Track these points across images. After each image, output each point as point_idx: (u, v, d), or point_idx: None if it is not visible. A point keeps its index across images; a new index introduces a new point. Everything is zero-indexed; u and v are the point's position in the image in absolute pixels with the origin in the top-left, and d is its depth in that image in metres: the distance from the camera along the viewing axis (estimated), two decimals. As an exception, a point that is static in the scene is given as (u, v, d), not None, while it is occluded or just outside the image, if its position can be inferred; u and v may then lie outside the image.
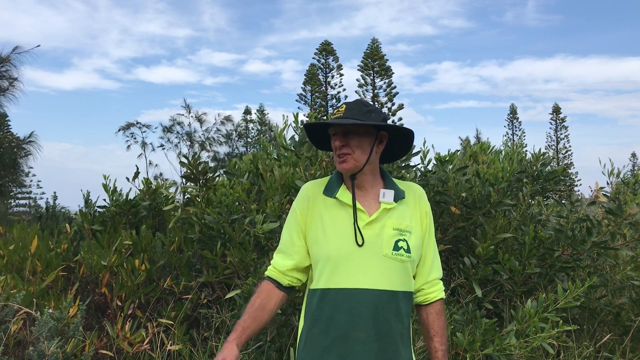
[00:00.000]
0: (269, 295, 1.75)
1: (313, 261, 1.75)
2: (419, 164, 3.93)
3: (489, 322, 3.04)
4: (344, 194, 1.73)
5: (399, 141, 1.81)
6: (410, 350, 1.72)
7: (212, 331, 3.37)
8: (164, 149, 22.87)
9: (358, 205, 1.70)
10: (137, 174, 4.12)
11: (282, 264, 1.77)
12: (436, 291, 1.77)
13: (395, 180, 1.80)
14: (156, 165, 23.35)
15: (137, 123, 22.05)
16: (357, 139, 1.68)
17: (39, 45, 8.46)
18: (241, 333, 1.67)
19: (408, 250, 1.68)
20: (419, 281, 1.77)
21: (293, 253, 1.76)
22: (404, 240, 1.68)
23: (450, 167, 3.67)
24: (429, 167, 3.93)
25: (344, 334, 1.63)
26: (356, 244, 1.65)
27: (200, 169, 3.58)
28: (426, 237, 1.77)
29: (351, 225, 1.68)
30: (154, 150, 22.76)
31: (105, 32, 74.60)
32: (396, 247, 1.67)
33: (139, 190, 4.16)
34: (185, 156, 3.72)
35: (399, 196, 1.73)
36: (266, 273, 1.81)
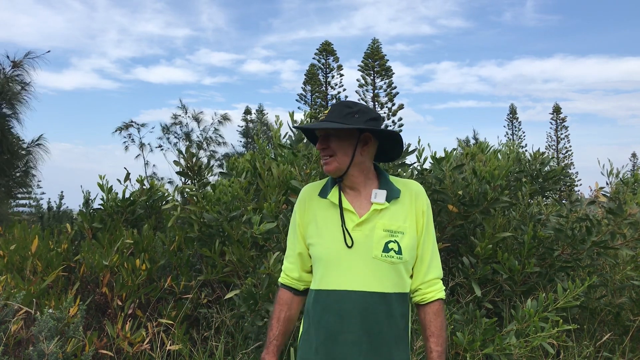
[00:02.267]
0: (290, 305, 1.82)
1: (312, 262, 1.77)
2: (415, 162, 3.92)
3: (489, 321, 3.04)
4: (335, 195, 1.73)
5: (389, 141, 1.80)
6: (407, 352, 1.71)
7: (212, 331, 3.37)
8: (162, 149, 22.85)
9: (349, 206, 1.70)
10: (127, 175, 4.14)
11: (291, 269, 1.82)
12: (434, 291, 1.74)
13: (393, 178, 1.79)
14: (154, 165, 23.30)
15: (133, 122, 22.00)
16: (337, 142, 1.68)
17: (49, 51, 8.55)
18: (275, 348, 1.78)
19: (399, 252, 1.66)
20: (416, 281, 1.75)
21: (295, 260, 1.81)
22: (395, 241, 1.66)
23: (447, 165, 3.67)
24: (425, 166, 3.93)
25: (333, 335, 1.64)
26: (346, 245, 1.65)
27: (193, 162, 3.58)
28: (422, 237, 1.74)
29: (341, 226, 1.68)
30: (152, 150, 22.73)
31: (104, 32, 74.53)
32: (386, 249, 1.65)
33: (133, 191, 4.17)
34: (179, 150, 3.72)
35: (392, 196, 1.71)
36: (281, 280, 1.86)
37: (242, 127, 45.81)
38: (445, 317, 1.79)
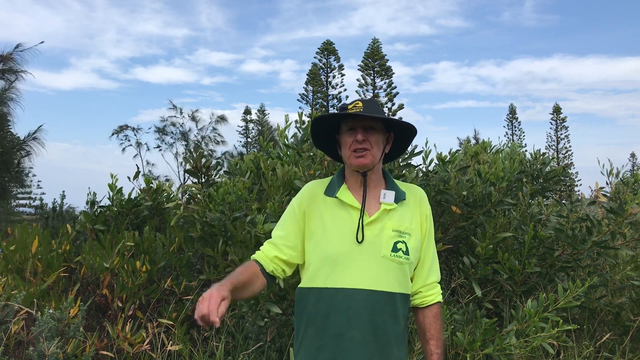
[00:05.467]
0: (256, 274, 1.68)
1: (309, 259, 1.73)
2: (420, 164, 3.93)
3: (489, 321, 3.04)
4: (344, 193, 1.73)
5: (398, 142, 1.82)
6: (404, 353, 1.72)
7: (213, 331, 3.37)
8: (160, 149, 22.89)
9: (359, 206, 1.69)
10: (137, 173, 4.12)
11: (270, 252, 1.74)
12: (434, 294, 1.76)
13: (396, 181, 1.81)
14: (153, 164, 23.34)
15: (128, 127, 22.06)
16: (375, 135, 1.69)
17: (42, 42, 8.33)
18: (229, 283, 1.52)
19: (407, 252, 1.67)
20: (416, 284, 1.76)
21: (284, 248, 1.74)
22: (403, 242, 1.68)
23: (452, 166, 3.67)
24: (431, 167, 3.94)
25: (339, 334, 1.62)
26: (356, 242, 1.65)
27: (203, 163, 3.58)
28: (425, 240, 1.76)
29: (351, 224, 1.68)
30: (149, 150, 22.79)
31: (103, 32, 74.36)
32: (395, 249, 1.66)
33: (140, 190, 4.15)
34: (189, 150, 3.73)
35: (399, 197, 1.72)
36: (253, 256, 1.76)
37: (241, 127, 45.87)
38: (442, 319, 1.80)
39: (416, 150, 3.83)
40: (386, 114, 1.77)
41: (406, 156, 3.76)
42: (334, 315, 1.63)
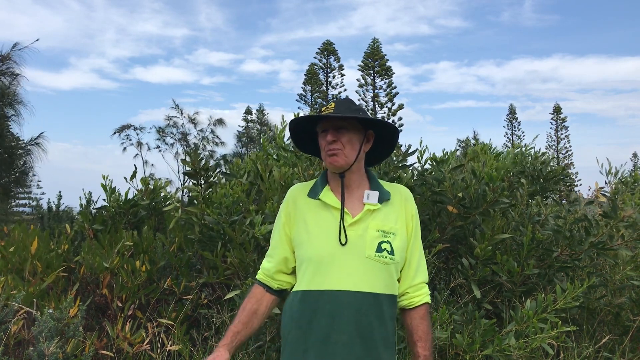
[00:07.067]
0: (260, 299, 1.77)
1: (297, 263, 1.74)
2: (415, 163, 3.92)
3: (488, 322, 3.04)
4: (327, 195, 1.72)
5: (384, 141, 1.81)
6: (393, 355, 1.69)
7: (212, 331, 3.37)
8: (160, 150, 22.89)
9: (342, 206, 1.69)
10: (134, 173, 4.11)
11: (268, 268, 1.80)
12: (421, 295, 1.73)
13: (381, 181, 1.79)
14: (152, 164, 23.37)
15: (132, 126, 22.09)
16: (347, 135, 1.67)
17: (37, 40, 8.43)
18: (232, 338, 1.69)
19: (392, 252, 1.65)
20: (403, 285, 1.73)
21: (274, 260, 1.79)
22: (388, 242, 1.66)
23: (446, 166, 3.66)
24: (426, 167, 3.92)
25: (325, 336, 1.61)
26: (339, 244, 1.64)
27: (201, 165, 3.58)
28: (411, 240, 1.74)
29: (334, 226, 1.67)
30: (149, 150, 22.81)
31: (102, 31, 74.36)
32: (379, 249, 1.65)
33: (137, 190, 4.15)
34: (187, 152, 3.71)
35: (383, 197, 1.71)
36: (257, 276, 1.84)
37: (242, 127, 45.88)
38: (430, 321, 1.77)
39: (410, 150, 3.81)
40: (385, 114, 1.77)
41: (400, 158, 3.75)
42: (319, 318, 1.62)
